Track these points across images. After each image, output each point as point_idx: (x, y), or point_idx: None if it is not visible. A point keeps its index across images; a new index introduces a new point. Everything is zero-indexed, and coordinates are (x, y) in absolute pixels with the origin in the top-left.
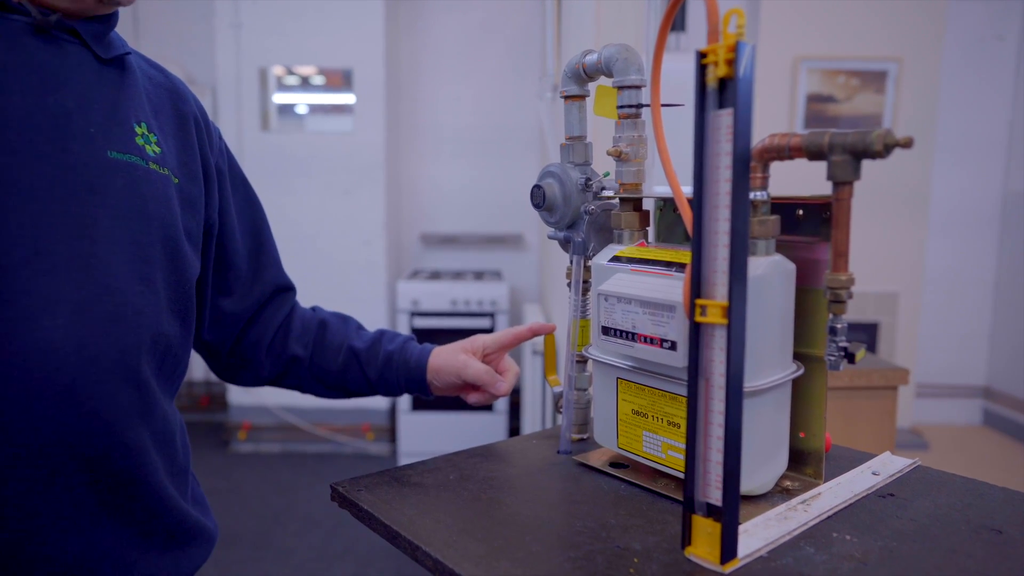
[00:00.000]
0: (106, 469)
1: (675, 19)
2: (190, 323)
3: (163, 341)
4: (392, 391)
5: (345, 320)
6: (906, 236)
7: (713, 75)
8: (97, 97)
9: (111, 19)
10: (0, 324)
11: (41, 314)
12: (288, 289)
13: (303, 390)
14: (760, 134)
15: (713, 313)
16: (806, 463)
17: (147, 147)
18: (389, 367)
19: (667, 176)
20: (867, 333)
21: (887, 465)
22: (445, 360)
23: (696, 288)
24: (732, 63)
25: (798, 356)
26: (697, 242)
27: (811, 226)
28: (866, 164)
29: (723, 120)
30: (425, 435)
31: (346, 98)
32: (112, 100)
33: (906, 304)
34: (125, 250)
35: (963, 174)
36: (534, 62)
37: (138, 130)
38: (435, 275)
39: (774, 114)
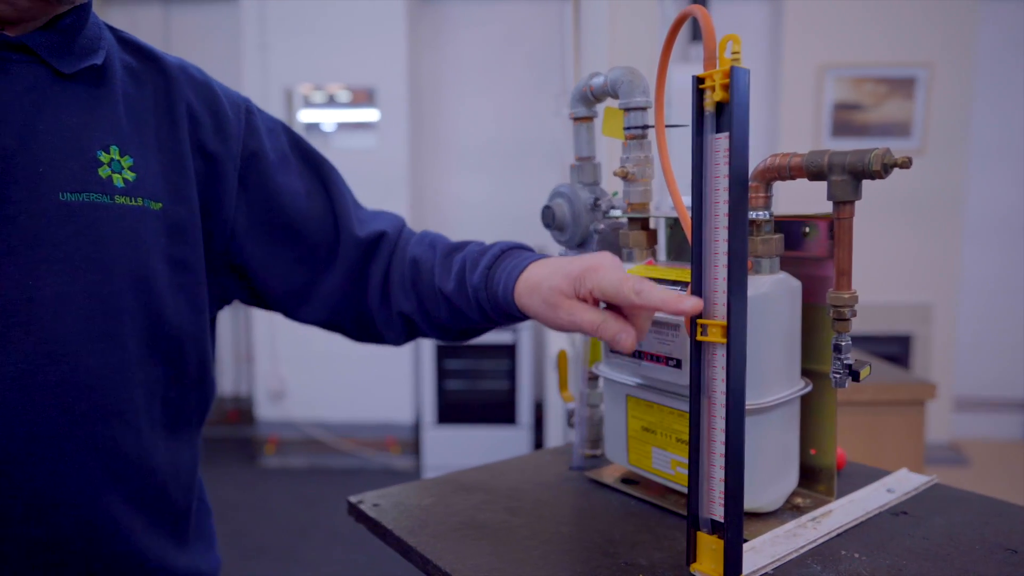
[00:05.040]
0: (66, 549)
1: (693, 30)
2: (187, 361)
3: (148, 391)
4: (506, 322)
5: (432, 247)
6: (940, 245)
7: (710, 99)
8: (51, 127)
9: (75, 24)
10: None
11: None
12: (379, 237)
13: (442, 338)
14: (786, 143)
15: (713, 332)
16: (818, 480)
17: (115, 177)
18: (482, 308)
19: (671, 195)
20: (900, 345)
21: (903, 482)
22: (538, 305)
23: None
24: (728, 88)
25: (807, 373)
26: (697, 262)
27: (818, 243)
28: (899, 171)
29: (720, 143)
30: (450, 449)
31: (369, 115)
32: (72, 127)
33: (941, 315)
34: (78, 307)
35: (1000, 180)
36: (555, 76)
37: (104, 158)
38: None
39: (800, 123)
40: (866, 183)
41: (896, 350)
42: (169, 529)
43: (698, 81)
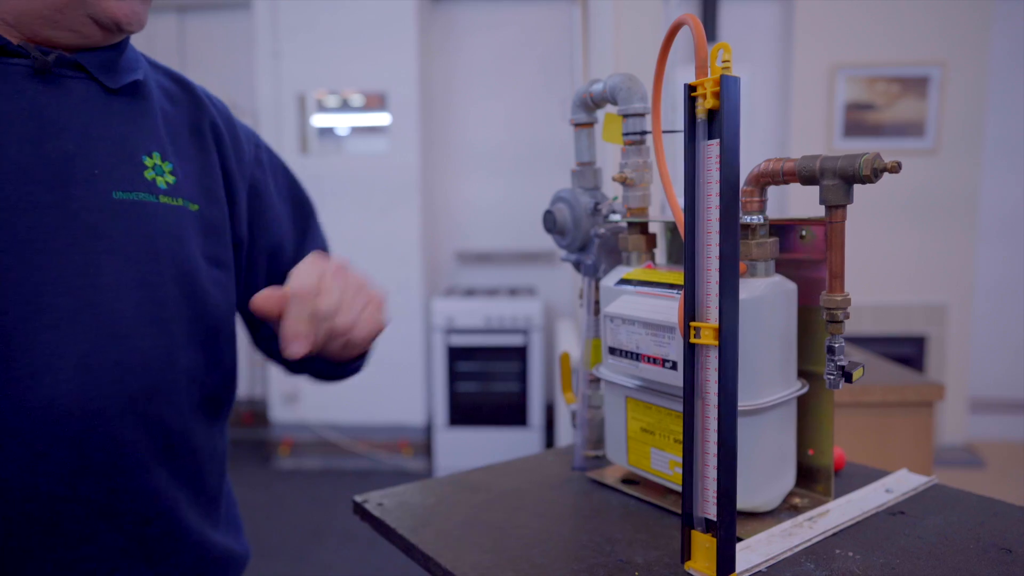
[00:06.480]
0: (121, 513)
1: (707, 30)
2: (221, 350)
3: (188, 375)
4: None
5: None
6: (954, 245)
7: (702, 107)
8: (103, 134)
9: (120, 46)
10: (1, 385)
11: (44, 371)
12: None
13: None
14: (797, 143)
15: (706, 335)
16: (816, 480)
17: (158, 179)
18: None
19: (668, 200)
20: (914, 346)
21: (902, 482)
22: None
23: (690, 310)
24: (719, 95)
25: (804, 374)
26: (690, 266)
27: (816, 245)
28: (912, 170)
29: (712, 150)
30: (461, 451)
31: (381, 119)
32: (120, 134)
33: (956, 315)
34: (132, 294)
35: (1014, 179)
36: (565, 79)
37: (148, 162)
38: (470, 292)
39: (812, 124)
40: (880, 184)
41: (911, 351)
42: (204, 510)
43: (690, 89)
